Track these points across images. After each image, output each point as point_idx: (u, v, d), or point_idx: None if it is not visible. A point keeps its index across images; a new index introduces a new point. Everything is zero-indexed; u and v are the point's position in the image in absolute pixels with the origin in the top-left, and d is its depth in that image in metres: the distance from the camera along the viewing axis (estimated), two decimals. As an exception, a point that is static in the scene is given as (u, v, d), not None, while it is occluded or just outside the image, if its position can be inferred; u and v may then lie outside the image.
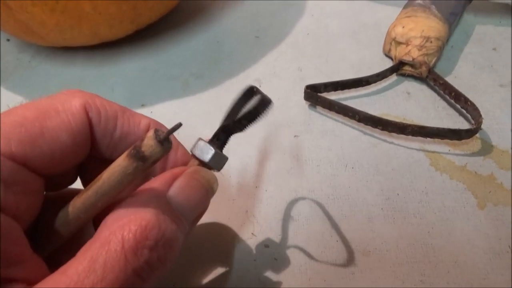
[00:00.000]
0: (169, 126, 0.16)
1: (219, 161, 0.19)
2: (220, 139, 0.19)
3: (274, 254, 0.24)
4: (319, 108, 0.32)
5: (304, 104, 0.32)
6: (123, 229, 0.14)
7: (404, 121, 0.29)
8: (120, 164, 0.15)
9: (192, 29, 0.41)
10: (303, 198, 0.26)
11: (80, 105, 0.17)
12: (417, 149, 0.28)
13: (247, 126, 0.18)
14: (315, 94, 0.30)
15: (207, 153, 0.18)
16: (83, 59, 0.39)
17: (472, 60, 0.35)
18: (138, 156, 0.15)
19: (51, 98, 0.17)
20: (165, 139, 0.15)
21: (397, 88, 0.33)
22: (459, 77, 0.33)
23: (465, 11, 0.40)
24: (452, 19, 0.34)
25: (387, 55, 0.35)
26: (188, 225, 0.17)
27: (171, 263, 0.15)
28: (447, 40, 0.35)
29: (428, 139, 0.28)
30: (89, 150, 0.18)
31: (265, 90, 0.33)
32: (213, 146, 0.18)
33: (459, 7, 0.35)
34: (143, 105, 0.34)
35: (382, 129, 0.28)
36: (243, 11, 0.43)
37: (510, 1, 0.39)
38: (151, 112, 0.33)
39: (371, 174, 0.27)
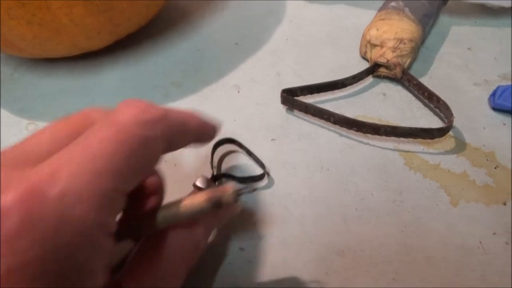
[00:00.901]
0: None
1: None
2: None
3: (249, 257, 0.24)
4: (296, 112, 0.32)
5: (282, 108, 0.33)
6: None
7: (379, 122, 0.30)
8: (200, 203, 0.19)
9: (173, 38, 0.42)
10: (280, 201, 0.26)
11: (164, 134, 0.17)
12: (392, 149, 0.29)
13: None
14: (291, 98, 0.31)
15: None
16: (64, 70, 0.39)
17: (447, 60, 0.35)
18: (216, 204, 0.18)
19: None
20: (239, 196, 0.19)
21: (373, 90, 0.33)
22: (435, 77, 0.34)
23: (441, 13, 0.40)
24: (425, 21, 0.35)
25: (364, 57, 0.36)
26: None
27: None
28: (422, 41, 0.36)
29: (402, 139, 0.29)
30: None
31: (243, 96, 0.34)
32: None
33: (432, 9, 0.36)
34: (123, 114, 0.34)
35: (357, 131, 0.29)
36: (224, 19, 0.44)
37: (484, 1, 0.40)
38: (131, 120, 0.34)
39: (347, 176, 0.27)
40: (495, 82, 0.33)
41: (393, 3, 0.35)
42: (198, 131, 0.19)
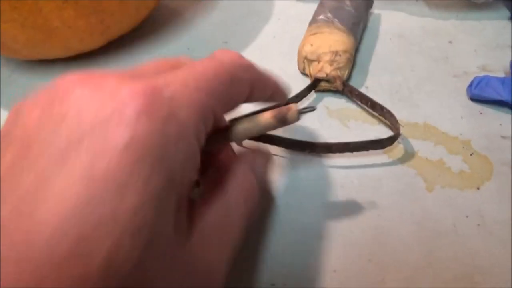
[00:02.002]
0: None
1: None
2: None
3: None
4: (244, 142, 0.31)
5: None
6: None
7: (329, 138, 0.30)
8: (268, 120, 0.21)
9: (164, 39, 0.43)
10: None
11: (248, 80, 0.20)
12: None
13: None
14: None
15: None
16: (60, 71, 0.41)
17: (429, 53, 0.36)
18: (282, 120, 0.21)
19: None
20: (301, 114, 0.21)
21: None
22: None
23: (423, 6, 0.41)
24: (355, 29, 0.35)
25: (303, 73, 0.36)
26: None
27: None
28: (356, 49, 0.36)
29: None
30: None
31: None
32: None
33: (360, 15, 0.37)
34: (115, 112, 0.35)
35: (310, 152, 0.29)
36: (213, 19, 0.45)
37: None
38: (123, 118, 0.35)
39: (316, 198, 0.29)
40: (474, 74, 0.34)
41: (322, 16, 0.36)
42: (274, 90, 0.23)
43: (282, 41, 0.40)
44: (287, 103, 0.22)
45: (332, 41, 0.33)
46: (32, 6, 0.31)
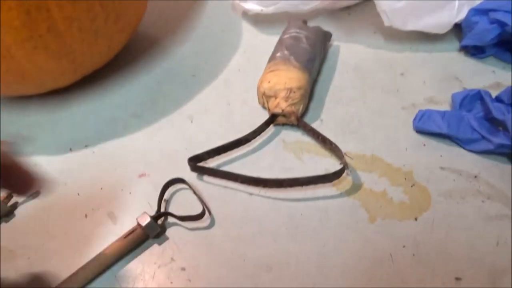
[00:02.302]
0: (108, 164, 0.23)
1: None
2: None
3: (189, 276, 0.27)
4: (205, 177, 0.33)
5: (233, 137, 0.36)
6: None
7: (284, 171, 0.32)
8: None
9: (135, 72, 0.45)
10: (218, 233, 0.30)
11: None
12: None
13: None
14: (199, 167, 0.33)
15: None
16: (37, 106, 0.43)
17: (380, 85, 0.39)
18: None
19: None
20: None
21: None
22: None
23: (378, 38, 0.44)
24: (310, 65, 0.37)
25: (263, 107, 0.38)
26: None
27: None
28: (312, 83, 0.38)
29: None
30: None
31: (195, 126, 0.37)
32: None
33: (315, 51, 0.39)
34: (86, 146, 0.37)
35: (264, 187, 0.31)
36: (184, 52, 0.47)
37: (421, 29, 0.43)
38: (93, 152, 0.37)
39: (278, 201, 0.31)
40: (421, 106, 0.36)
41: (279, 54, 0.38)
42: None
43: (247, 75, 0.43)
44: None
45: (287, 78, 0.36)
46: (4, 52, 0.33)
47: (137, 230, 0.28)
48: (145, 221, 0.28)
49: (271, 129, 0.36)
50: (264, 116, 0.37)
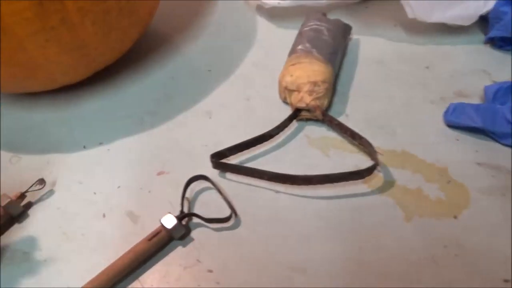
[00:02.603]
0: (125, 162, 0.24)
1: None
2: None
3: (216, 278, 0.25)
4: (228, 174, 0.32)
5: (252, 131, 0.34)
6: None
7: (309, 167, 0.30)
8: None
9: (149, 68, 0.43)
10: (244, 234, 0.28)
11: None
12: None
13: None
14: (222, 163, 0.31)
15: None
16: (46, 103, 0.41)
17: (404, 79, 0.37)
18: None
19: None
20: None
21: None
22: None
23: (399, 31, 0.43)
24: (333, 58, 0.36)
25: (285, 102, 0.37)
26: None
27: None
28: (335, 78, 0.37)
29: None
30: None
31: (214, 121, 0.35)
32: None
33: (337, 44, 0.37)
34: (101, 143, 0.36)
35: (292, 184, 0.29)
36: (197, 47, 0.46)
37: (445, 21, 0.42)
38: (108, 149, 0.35)
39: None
40: (450, 99, 0.35)
41: (300, 46, 0.37)
42: None
43: (264, 70, 0.41)
44: None
45: (311, 71, 0.34)
46: (16, 45, 0.31)
47: (162, 232, 0.26)
48: (170, 223, 0.26)
49: (294, 124, 0.35)
50: (286, 111, 0.36)
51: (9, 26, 0.30)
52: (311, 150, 0.32)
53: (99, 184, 0.32)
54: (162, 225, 0.27)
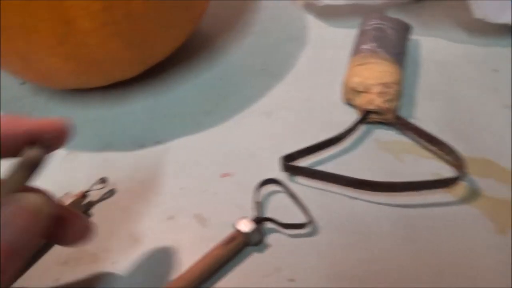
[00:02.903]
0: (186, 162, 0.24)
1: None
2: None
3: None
4: (297, 178, 0.30)
5: (316, 132, 0.33)
6: None
7: (383, 174, 0.29)
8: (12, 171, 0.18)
9: (198, 66, 0.42)
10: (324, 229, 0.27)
11: None
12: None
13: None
14: (294, 166, 0.29)
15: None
16: (96, 100, 0.40)
17: (473, 84, 0.36)
18: (27, 164, 0.19)
19: None
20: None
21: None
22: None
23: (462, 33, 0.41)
24: (400, 59, 0.34)
25: (348, 103, 0.35)
26: (21, 250, 0.18)
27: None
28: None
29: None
30: None
31: (275, 122, 0.34)
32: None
33: (402, 45, 0.36)
34: (157, 142, 0.35)
35: (372, 190, 0.28)
36: (247, 46, 0.44)
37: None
38: (166, 148, 0.34)
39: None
40: (525, 104, 0.33)
41: (365, 46, 0.35)
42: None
43: (321, 70, 0.40)
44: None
45: (380, 72, 0.33)
46: (79, 40, 0.30)
47: (239, 237, 0.25)
48: (247, 227, 0.25)
49: (361, 127, 0.33)
50: (349, 113, 0.34)
51: (74, 20, 0.29)
52: (383, 155, 0.31)
53: (160, 185, 0.31)
54: (238, 230, 0.25)
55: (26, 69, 0.33)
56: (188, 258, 0.26)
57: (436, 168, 0.30)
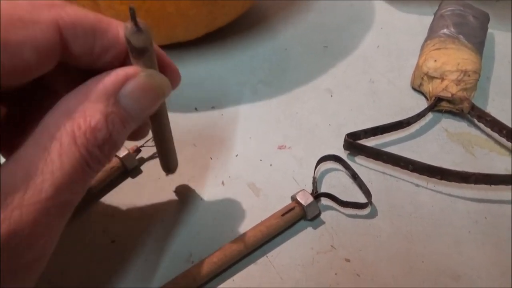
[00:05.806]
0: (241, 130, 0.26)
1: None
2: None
3: (356, 269, 0.23)
4: (358, 158, 0.29)
5: (377, 114, 0.31)
6: (73, 125, 0.15)
7: (454, 166, 0.27)
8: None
9: (258, 36, 0.41)
10: (383, 215, 0.25)
11: (51, 21, 0.15)
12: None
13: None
14: (359, 145, 0.28)
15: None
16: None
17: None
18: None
19: (16, 5, 0.15)
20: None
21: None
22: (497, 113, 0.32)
23: None
24: (481, 49, 0.32)
25: (416, 89, 0.33)
26: (135, 124, 0.17)
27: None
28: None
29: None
30: (56, 63, 0.17)
31: (336, 101, 0.32)
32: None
33: (483, 34, 0.34)
34: (213, 107, 0.34)
35: (441, 179, 0.26)
36: (309, 21, 0.43)
37: None
38: (222, 114, 0.33)
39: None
40: None
41: (444, 30, 0.33)
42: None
43: (388, 53, 0.38)
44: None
45: (460, 59, 0.31)
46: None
47: (296, 209, 0.24)
48: (306, 200, 0.24)
49: (429, 115, 0.31)
50: (415, 98, 0.33)
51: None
52: (452, 145, 0.29)
53: (214, 150, 0.30)
54: (297, 201, 0.24)
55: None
56: (243, 226, 0.25)
57: (509, 165, 0.27)
